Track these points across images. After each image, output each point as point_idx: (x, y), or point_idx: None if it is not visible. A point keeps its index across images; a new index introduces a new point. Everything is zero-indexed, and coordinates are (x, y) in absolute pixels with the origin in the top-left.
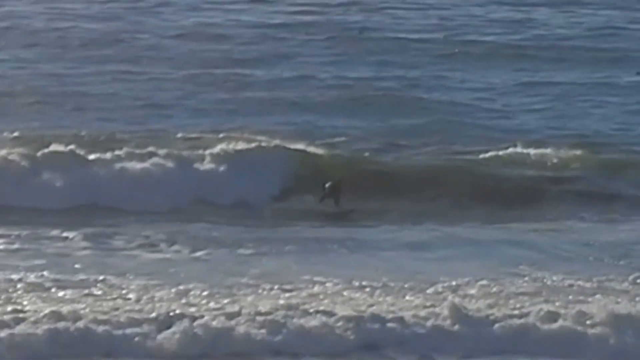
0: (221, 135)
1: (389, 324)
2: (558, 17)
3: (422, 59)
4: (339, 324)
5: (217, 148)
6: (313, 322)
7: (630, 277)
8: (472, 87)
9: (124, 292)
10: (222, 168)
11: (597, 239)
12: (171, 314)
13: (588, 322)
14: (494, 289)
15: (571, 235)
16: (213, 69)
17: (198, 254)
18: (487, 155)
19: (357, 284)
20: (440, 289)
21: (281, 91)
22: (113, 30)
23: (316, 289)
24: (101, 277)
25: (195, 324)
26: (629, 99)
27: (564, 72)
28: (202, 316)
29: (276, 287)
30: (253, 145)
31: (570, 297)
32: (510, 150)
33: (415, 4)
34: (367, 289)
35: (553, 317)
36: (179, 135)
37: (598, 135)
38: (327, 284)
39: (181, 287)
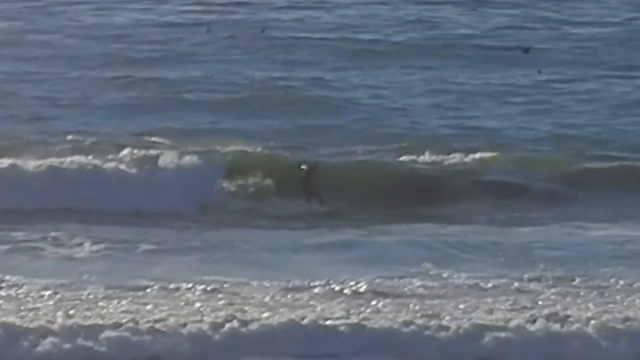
0: (125, 137)
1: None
2: (463, 16)
3: (325, 57)
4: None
5: (125, 151)
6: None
7: (527, 276)
8: (374, 86)
9: None
10: (130, 171)
11: (504, 238)
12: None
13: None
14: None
15: (477, 234)
16: (113, 69)
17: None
18: (393, 155)
19: (255, 284)
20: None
21: (184, 91)
22: (12, 29)
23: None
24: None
25: None
26: (532, 97)
27: (468, 71)
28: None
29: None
30: (154, 151)
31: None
32: (416, 149)
33: (319, 3)
34: (246, 288)
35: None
36: (77, 136)
37: (502, 134)
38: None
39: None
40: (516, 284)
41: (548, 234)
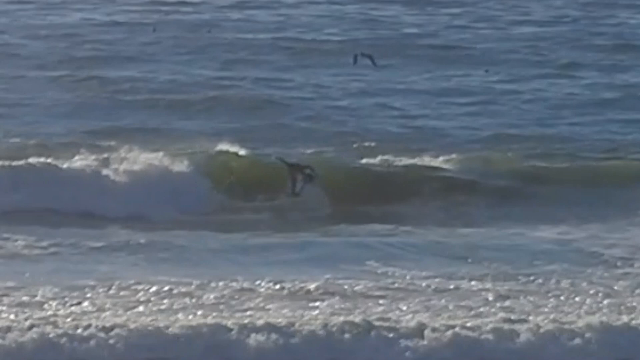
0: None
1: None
2: (409, 16)
3: (271, 57)
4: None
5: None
6: None
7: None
8: (320, 85)
9: None
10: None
11: (450, 237)
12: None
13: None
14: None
15: (424, 234)
16: (58, 69)
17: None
18: (339, 154)
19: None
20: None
21: (128, 91)
22: None
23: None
24: None
25: None
26: (479, 97)
27: (414, 71)
28: None
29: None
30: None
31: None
32: (363, 149)
33: (265, 2)
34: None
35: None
36: (23, 136)
37: (449, 133)
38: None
39: None
40: (460, 283)
41: (494, 233)
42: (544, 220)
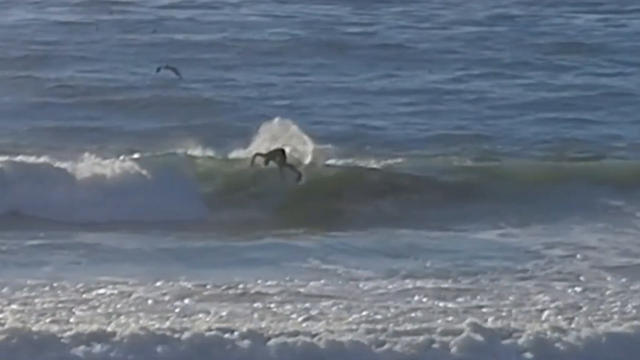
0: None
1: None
2: (353, 15)
3: (216, 56)
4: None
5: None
6: None
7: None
8: (265, 84)
9: None
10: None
11: (396, 240)
12: None
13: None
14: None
15: (365, 234)
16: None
17: None
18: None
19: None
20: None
21: (73, 91)
22: None
23: None
24: None
25: None
26: (422, 97)
27: (357, 70)
28: None
29: None
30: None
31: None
32: (305, 150)
33: (210, 2)
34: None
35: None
36: None
37: (392, 133)
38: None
39: None
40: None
41: (436, 233)
42: (487, 220)
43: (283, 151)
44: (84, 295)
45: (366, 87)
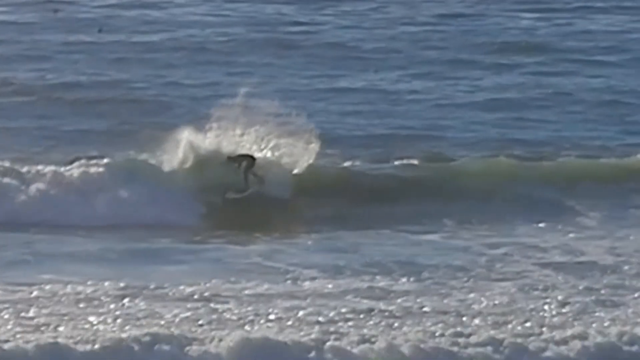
0: None
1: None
2: (298, 14)
3: (161, 56)
4: None
5: None
6: None
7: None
8: (209, 84)
9: None
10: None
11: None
12: None
13: None
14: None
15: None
16: None
17: None
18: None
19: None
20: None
21: (17, 91)
22: None
23: None
24: None
25: None
26: (367, 97)
27: (300, 70)
28: None
29: None
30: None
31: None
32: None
33: (157, 2)
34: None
35: None
36: None
37: (336, 133)
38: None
39: None
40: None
41: (376, 234)
42: (430, 220)
43: (253, 158)
44: None
45: (311, 86)
